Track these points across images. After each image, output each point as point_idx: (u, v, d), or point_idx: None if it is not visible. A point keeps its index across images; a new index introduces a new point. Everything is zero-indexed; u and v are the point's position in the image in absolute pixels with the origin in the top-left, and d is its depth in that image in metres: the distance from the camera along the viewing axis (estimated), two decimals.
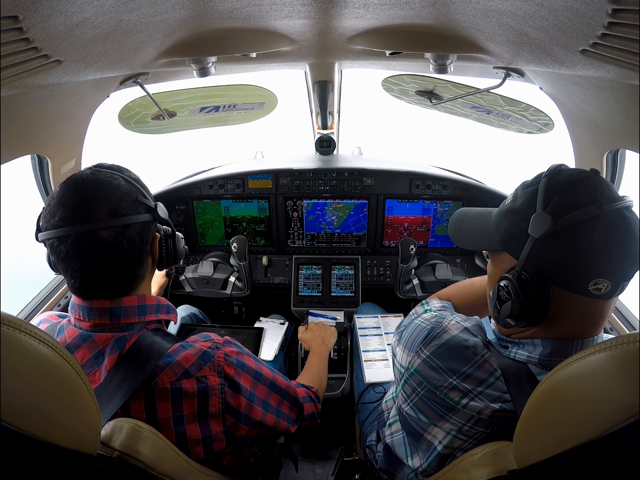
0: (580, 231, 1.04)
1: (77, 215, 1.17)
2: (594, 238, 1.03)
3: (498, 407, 1.16)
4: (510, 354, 1.24)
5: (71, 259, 1.19)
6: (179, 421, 1.27)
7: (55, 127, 1.95)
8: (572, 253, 1.05)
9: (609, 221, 1.03)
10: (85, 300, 1.28)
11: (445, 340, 1.27)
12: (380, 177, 3.02)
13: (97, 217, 1.18)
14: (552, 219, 1.05)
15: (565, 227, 1.05)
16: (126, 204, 1.25)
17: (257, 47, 1.80)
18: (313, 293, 3.11)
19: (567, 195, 1.08)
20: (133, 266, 1.29)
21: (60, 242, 1.18)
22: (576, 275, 1.07)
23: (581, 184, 1.08)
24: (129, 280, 1.30)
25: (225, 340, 1.42)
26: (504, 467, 1.03)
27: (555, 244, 1.07)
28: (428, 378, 1.26)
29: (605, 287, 1.04)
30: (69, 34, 1.14)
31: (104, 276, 1.24)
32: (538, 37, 1.28)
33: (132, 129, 3.10)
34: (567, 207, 1.06)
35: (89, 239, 1.18)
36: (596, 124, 1.91)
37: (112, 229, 1.20)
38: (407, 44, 1.73)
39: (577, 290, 1.08)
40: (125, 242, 1.23)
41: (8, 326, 0.73)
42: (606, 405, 0.71)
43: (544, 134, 2.83)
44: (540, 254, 1.10)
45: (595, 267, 1.04)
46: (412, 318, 1.50)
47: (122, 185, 1.29)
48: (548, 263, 1.10)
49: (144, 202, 1.31)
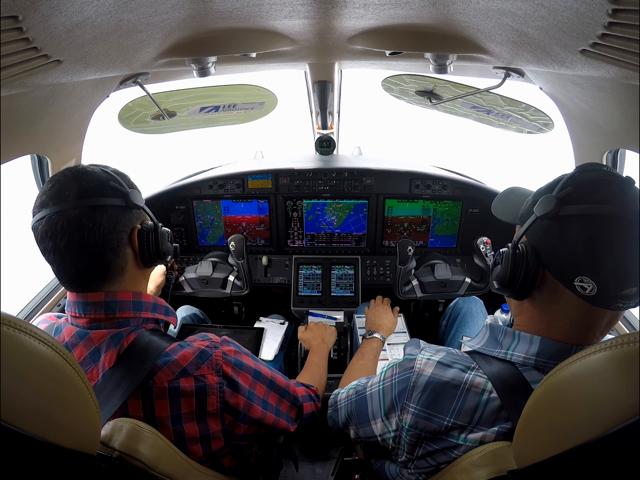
0: (580, 224, 1.04)
1: (50, 198, 1.25)
2: (592, 236, 1.03)
3: (496, 431, 1.14)
4: (506, 356, 1.21)
5: (45, 240, 1.24)
6: (177, 420, 1.27)
7: (55, 127, 1.95)
8: (567, 243, 1.06)
9: (614, 226, 1.02)
10: (80, 294, 1.30)
11: (424, 384, 1.24)
12: (380, 177, 3.02)
13: (66, 198, 1.24)
14: (556, 203, 1.07)
15: (567, 215, 1.06)
16: (94, 186, 1.29)
17: (257, 47, 1.80)
18: (313, 293, 3.11)
19: (583, 188, 1.08)
20: (104, 252, 1.29)
21: (38, 225, 1.24)
22: (565, 265, 1.07)
23: (603, 184, 1.08)
24: (103, 267, 1.31)
25: (224, 339, 1.42)
26: (504, 468, 1.03)
27: (555, 227, 1.09)
28: (425, 428, 1.24)
29: (590, 288, 1.03)
30: (69, 34, 1.14)
31: (76, 258, 1.26)
32: (538, 37, 1.28)
33: (132, 129, 3.10)
34: (578, 198, 1.06)
35: (58, 218, 1.22)
36: (596, 124, 1.91)
37: (79, 209, 1.24)
38: (407, 44, 1.73)
39: (563, 280, 1.08)
40: (91, 223, 1.24)
41: (8, 326, 0.73)
42: (606, 406, 0.71)
43: (544, 134, 2.83)
44: (543, 234, 1.12)
45: (583, 264, 1.04)
46: (362, 394, 1.51)
47: (96, 172, 1.34)
48: (544, 243, 1.12)
49: (115, 187, 1.33)
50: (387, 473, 1.57)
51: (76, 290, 1.31)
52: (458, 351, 1.32)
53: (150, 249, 1.42)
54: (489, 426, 1.16)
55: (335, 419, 1.69)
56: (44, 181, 2.26)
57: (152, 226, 1.45)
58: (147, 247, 1.41)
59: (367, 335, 2.32)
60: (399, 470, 1.44)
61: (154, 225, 1.46)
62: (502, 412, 1.15)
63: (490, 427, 1.15)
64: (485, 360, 1.24)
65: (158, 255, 1.46)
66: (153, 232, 1.44)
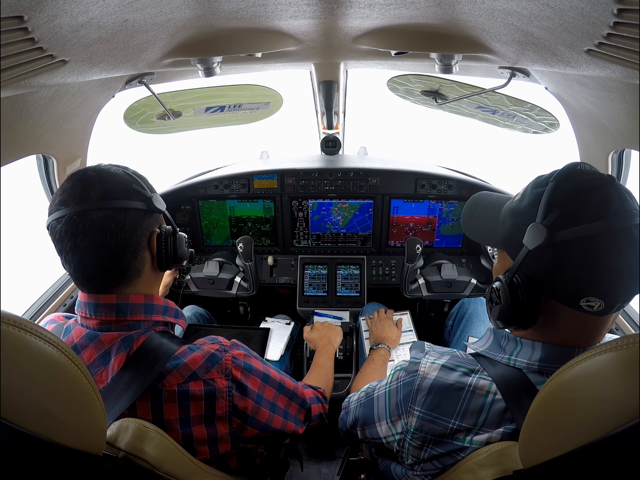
0: (576, 248, 1.00)
1: (72, 197, 1.23)
2: (591, 257, 0.98)
3: (502, 432, 1.13)
4: (509, 362, 1.20)
5: (64, 239, 1.23)
6: (186, 423, 1.27)
7: (61, 127, 1.96)
8: (566, 268, 1.02)
9: (611, 240, 0.98)
10: (92, 295, 1.30)
11: (429, 388, 1.23)
12: (386, 177, 3.01)
13: (90, 199, 1.23)
14: (547, 232, 1.01)
15: (560, 242, 1.01)
16: (119, 188, 1.29)
17: (263, 47, 1.80)
18: (318, 293, 3.11)
19: (569, 207, 1.02)
20: (124, 254, 1.29)
21: (57, 223, 1.23)
22: (568, 290, 1.04)
23: (588, 195, 1.02)
24: (121, 269, 1.30)
25: (233, 342, 1.42)
26: (509, 467, 1.02)
27: (549, 255, 1.04)
28: (430, 431, 1.23)
29: (598, 305, 1.00)
30: (75, 34, 1.15)
31: (95, 259, 1.25)
32: (543, 37, 1.28)
33: (138, 129, 3.10)
34: (567, 220, 1.01)
35: (80, 219, 1.21)
36: (601, 124, 1.90)
37: (102, 210, 1.23)
38: (412, 44, 1.72)
39: (567, 303, 1.05)
40: (114, 225, 1.24)
41: (13, 326, 0.73)
42: (612, 406, 0.70)
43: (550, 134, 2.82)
44: (535, 262, 1.07)
45: (588, 286, 1.00)
46: (370, 396, 1.52)
47: (119, 174, 1.34)
48: (541, 272, 1.07)
49: (138, 191, 1.33)
50: (393, 474, 1.56)
51: (91, 291, 1.31)
52: (463, 353, 1.31)
53: (168, 253, 1.42)
54: (494, 428, 1.15)
55: (345, 420, 1.70)
56: (49, 181, 2.28)
57: (171, 231, 1.45)
58: (165, 251, 1.41)
59: (374, 346, 2.33)
60: (405, 472, 1.44)
61: (172, 230, 1.46)
62: (506, 413, 1.14)
63: (496, 429, 1.14)
64: (489, 362, 1.24)
65: (175, 260, 1.46)
66: (171, 237, 1.44)
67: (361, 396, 1.60)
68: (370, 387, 1.56)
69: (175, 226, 1.49)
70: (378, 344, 2.32)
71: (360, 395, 1.60)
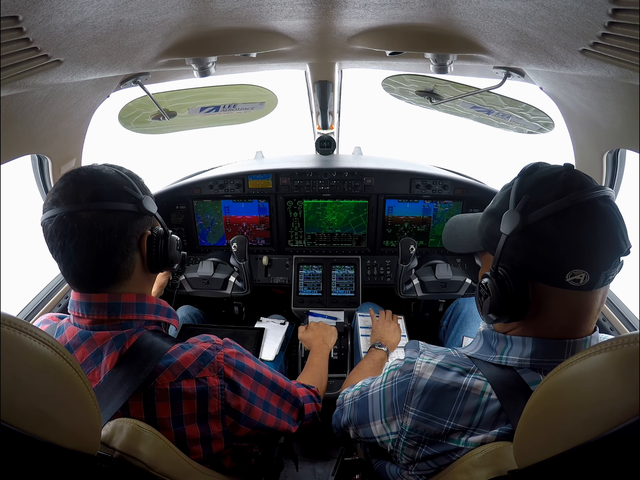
0: (549, 225, 1.06)
1: (62, 197, 1.24)
2: (565, 230, 1.04)
3: (497, 433, 1.14)
4: (501, 361, 1.21)
5: (54, 238, 1.24)
6: (178, 422, 1.27)
7: (56, 127, 1.95)
8: (544, 247, 1.07)
9: (580, 212, 1.04)
10: (84, 295, 1.31)
11: (424, 388, 1.24)
12: (381, 177, 3.02)
13: (80, 199, 1.24)
14: (520, 216, 1.08)
15: (534, 222, 1.07)
16: (109, 190, 1.29)
17: (257, 47, 1.80)
18: (313, 293, 3.11)
19: (536, 193, 1.10)
20: (112, 256, 1.29)
21: (49, 222, 1.24)
22: (551, 268, 1.07)
23: (550, 180, 1.11)
24: (110, 270, 1.30)
25: (225, 341, 1.42)
26: (504, 468, 1.03)
27: (527, 239, 1.09)
28: (425, 432, 1.24)
29: (584, 277, 1.04)
30: (69, 34, 1.15)
31: (84, 260, 1.25)
32: (538, 37, 1.28)
33: (132, 129, 3.10)
34: (536, 203, 1.08)
35: (69, 219, 1.22)
36: (596, 124, 1.91)
37: (91, 211, 1.24)
38: (407, 44, 1.73)
39: (554, 282, 1.08)
40: (102, 227, 1.24)
41: (8, 326, 0.73)
42: (607, 406, 0.71)
43: (544, 134, 2.83)
44: (516, 250, 1.12)
45: (569, 259, 1.04)
46: (364, 395, 1.52)
47: (111, 175, 1.34)
48: (523, 258, 1.11)
49: (129, 192, 1.33)
50: (387, 474, 1.56)
51: (82, 290, 1.31)
52: (457, 353, 1.32)
53: (158, 255, 1.42)
54: (489, 428, 1.15)
55: (339, 417, 1.70)
56: (44, 181, 2.27)
57: (162, 233, 1.45)
58: (155, 254, 1.41)
59: (377, 345, 2.32)
60: (400, 471, 1.44)
61: (164, 232, 1.45)
62: (502, 414, 1.14)
63: (491, 430, 1.15)
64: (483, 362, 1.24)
65: (165, 263, 1.45)
66: (162, 239, 1.44)
67: (355, 395, 1.59)
68: (364, 385, 1.56)
69: (167, 228, 1.49)
70: (380, 344, 2.32)
71: (354, 394, 1.60)
